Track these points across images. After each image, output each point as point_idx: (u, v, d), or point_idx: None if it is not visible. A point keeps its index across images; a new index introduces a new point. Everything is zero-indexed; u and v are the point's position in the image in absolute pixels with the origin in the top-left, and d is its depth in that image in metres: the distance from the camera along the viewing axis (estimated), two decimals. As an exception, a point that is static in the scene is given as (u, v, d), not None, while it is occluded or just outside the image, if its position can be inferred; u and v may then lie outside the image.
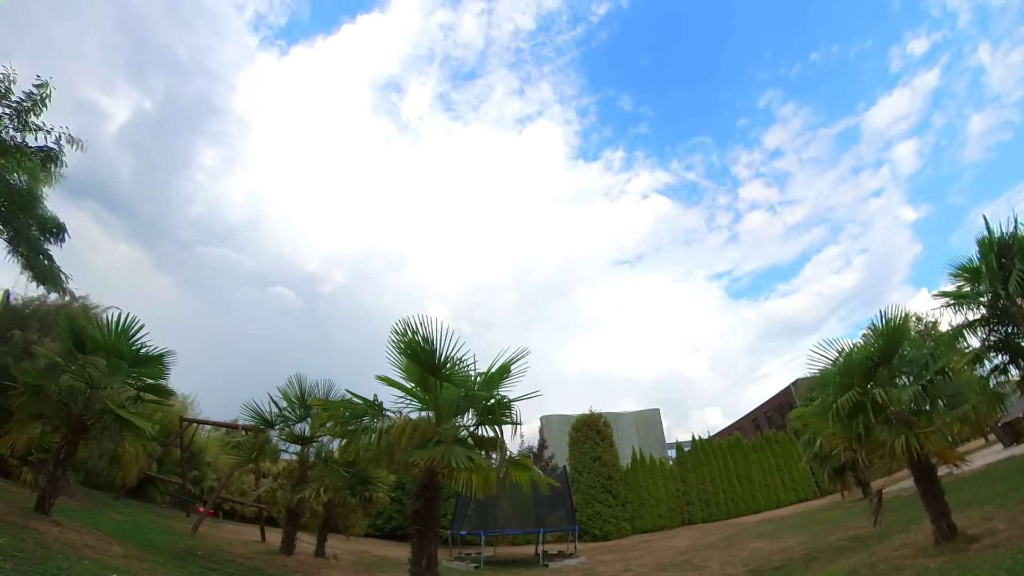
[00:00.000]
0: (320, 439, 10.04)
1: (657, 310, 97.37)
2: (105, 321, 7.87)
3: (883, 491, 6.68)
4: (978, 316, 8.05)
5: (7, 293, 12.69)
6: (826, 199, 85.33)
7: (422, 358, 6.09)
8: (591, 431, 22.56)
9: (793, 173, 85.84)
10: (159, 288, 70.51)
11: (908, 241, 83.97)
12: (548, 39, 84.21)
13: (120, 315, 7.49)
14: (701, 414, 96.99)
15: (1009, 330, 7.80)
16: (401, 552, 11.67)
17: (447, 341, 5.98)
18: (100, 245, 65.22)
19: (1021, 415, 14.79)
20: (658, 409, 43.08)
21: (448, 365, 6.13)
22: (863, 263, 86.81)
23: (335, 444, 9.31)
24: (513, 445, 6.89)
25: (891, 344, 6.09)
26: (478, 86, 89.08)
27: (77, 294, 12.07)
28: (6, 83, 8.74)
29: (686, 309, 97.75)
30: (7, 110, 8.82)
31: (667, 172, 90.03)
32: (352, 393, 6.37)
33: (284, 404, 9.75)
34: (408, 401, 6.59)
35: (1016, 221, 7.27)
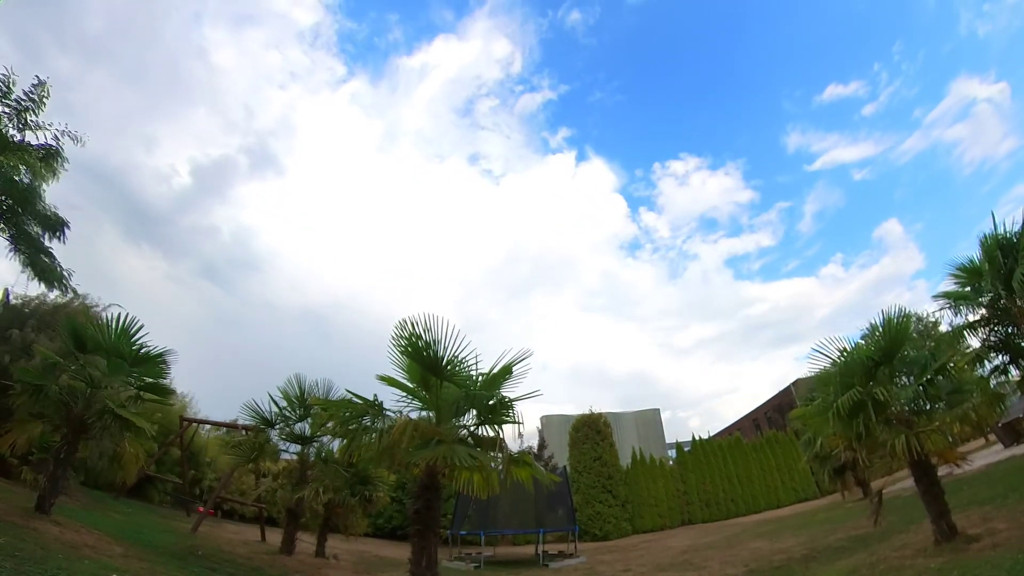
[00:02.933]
0: (320, 439, 10.05)
1: (642, 315, 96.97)
2: (105, 321, 7.88)
3: (883, 491, 6.69)
4: (978, 317, 8.06)
5: (7, 292, 12.68)
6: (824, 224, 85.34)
7: (424, 357, 6.08)
8: (591, 431, 22.56)
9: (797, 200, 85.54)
10: (166, 290, 70.94)
11: (907, 255, 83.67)
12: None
13: (120, 315, 7.51)
14: (685, 419, 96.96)
15: (1009, 330, 7.80)
16: (401, 552, 11.68)
17: (450, 340, 5.97)
18: (116, 250, 66.23)
19: (1021, 415, 14.79)
20: (658, 409, 43.18)
21: (450, 365, 6.12)
22: (860, 274, 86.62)
23: (335, 444, 9.33)
24: (514, 445, 6.89)
25: (892, 344, 6.08)
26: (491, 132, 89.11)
27: (78, 292, 12.07)
28: (6, 83, 8.76)
29: (673, 314, 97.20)
30: (7, 109, 8.84)
31: (656, 186, 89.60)
32: (352, 393, 6.36)
33: (284, 404, 9.76)
34: (409, 401, 6.59)
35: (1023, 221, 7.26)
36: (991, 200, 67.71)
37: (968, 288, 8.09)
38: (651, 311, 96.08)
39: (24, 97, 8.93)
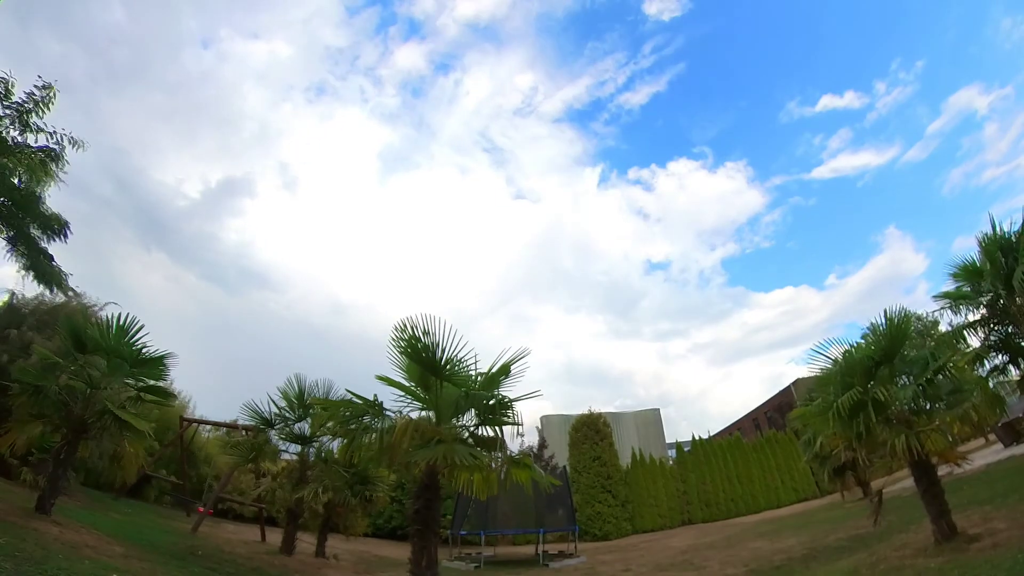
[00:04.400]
0: (320, 439, 10.06)
1: (637, 316, 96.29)
2: (104, 321, 7.88)
3: (883, 491, 6.69)
4: (978, 317, 8.07)
5: (12, 295, 12.69)
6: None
7: (423, 358, 6.09)
8: (591, 431, 22.57)
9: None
10: (169, 292, 71.00)
11: (909, 262, 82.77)
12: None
13: (120, 315, 7.51)
14: (675, 419, 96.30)
15: (1009, 330, 7.81)
16: (401, 552, 11.67)
17: (449, 340, 5.98)
18: (123, 252, 66.50)
19: (1021, 415, 14.79)
20: (658, 409, 42.99)
21: (449, 365, 6.13)
22: (858, 278, 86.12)
23: (335, 444, 9.34)
24: (514, 445, 6.90)
25: (893, 344, 6.09)
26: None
27: (77, 292, 12.08)
28: (6, 85, 8.75)
29: (667, 316, 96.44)
30: (7, 111, 8.83)
31: (654, 189, 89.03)
32: (352, 393, 6.37)
33: (283, 404, 9.78)
34: (408, 401, 6.60)
35: (1022, 221, 7.28)
36: (990, 203, 67.74)
37: (968, 288, 8.10)
38: (646, 313, 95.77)
39: (25, 99, 8.92)
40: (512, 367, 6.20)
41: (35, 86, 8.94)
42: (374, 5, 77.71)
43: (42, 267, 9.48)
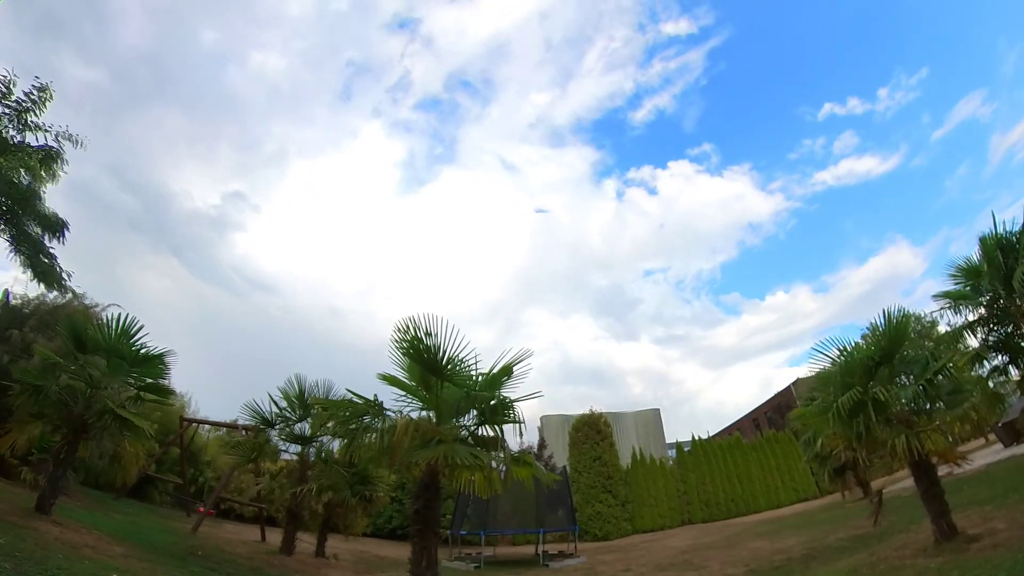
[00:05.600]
0: (320, 439, 10.06)
1: (633, 318, 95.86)
2: (105, 321, 7.89)
3: (883, 491, 6.69)
4: (977, 317, 8.08)
5: (7, 293, 12.69)
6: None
7: (424, 358, 6.08)
8: (591, 431, 22.57)
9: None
10: (170, 291, 70.96)
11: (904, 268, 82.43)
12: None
13: (120, 315, 7.52)
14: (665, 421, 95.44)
15: (1009, 330, 7.82)
16: (401, 552, 11.67)
17: (450, 340, 5.98)
18: (128, 251, 66.54)
19: (1021, 415, 14.79)
20: (658, 409, 42.95)
21: (450, 365, 6.13)
22: (856, 280, 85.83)
23: (335, 444, 9.35)
24: (514, 445, 6.90)
25: (892, 343, 6.09)
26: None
27: (77, 292, 12.09)
28: (6, 85, 8.76)
29: (663, 319, 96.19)
30: (7, 110, 8.84)
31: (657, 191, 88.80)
32: (353, 392, 6.37)
33: (284, 404, 9.78)
34: (409, 401, 6.60)
35: (1023, 221, 7.29)
36: (988, 206, 67.65)
37: (968, 288, 8.10)
38: (643, 316, 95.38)
39: (24, 98, 8.94)
40: (514, 368, 6.20)
41: (33, 86, 8.96)
42: (392, 23, 78.44)
43: (42, 266, 9.49)
